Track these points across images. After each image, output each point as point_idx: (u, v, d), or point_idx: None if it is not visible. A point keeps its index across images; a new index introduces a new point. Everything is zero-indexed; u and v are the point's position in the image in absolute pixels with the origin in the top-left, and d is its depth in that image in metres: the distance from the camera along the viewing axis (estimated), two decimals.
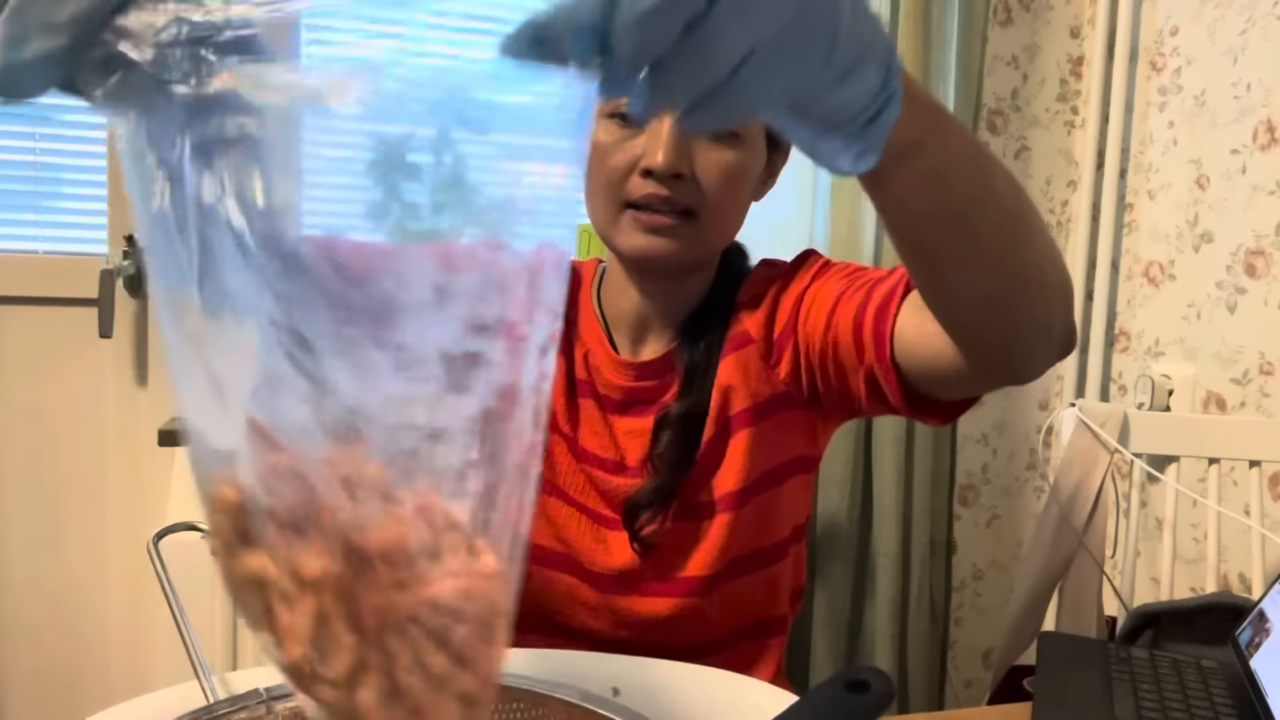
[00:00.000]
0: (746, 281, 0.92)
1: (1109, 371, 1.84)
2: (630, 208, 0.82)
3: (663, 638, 0.87)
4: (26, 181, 1.52)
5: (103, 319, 1.42)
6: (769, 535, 0.90)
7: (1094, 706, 0.76)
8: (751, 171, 0.86)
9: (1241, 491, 1.50)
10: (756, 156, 0.86)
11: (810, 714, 0.45)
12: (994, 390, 0.75)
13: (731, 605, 0.88)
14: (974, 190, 0.53)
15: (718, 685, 0.68)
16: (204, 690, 0.58)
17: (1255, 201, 1.53)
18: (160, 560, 0.64)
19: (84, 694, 1.57)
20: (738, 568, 0.88)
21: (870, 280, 0.79)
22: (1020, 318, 0.60)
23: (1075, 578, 1.17)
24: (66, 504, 1.55)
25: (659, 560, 0.86)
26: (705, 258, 0.90)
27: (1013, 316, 0.60)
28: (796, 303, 0.85)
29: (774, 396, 0.87)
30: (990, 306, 0.60)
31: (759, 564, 0.89)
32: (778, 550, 0.91)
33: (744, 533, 0.87)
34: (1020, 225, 0.57)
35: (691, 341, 0.89)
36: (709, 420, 0.87)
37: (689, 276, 0.90)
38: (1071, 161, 1.90)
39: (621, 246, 0.85)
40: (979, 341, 0.64)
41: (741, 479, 0.86)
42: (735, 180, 0.84)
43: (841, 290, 0.80)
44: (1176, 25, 1.70)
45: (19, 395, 1.52)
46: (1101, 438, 1.16)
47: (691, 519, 0.87)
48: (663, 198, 0.80)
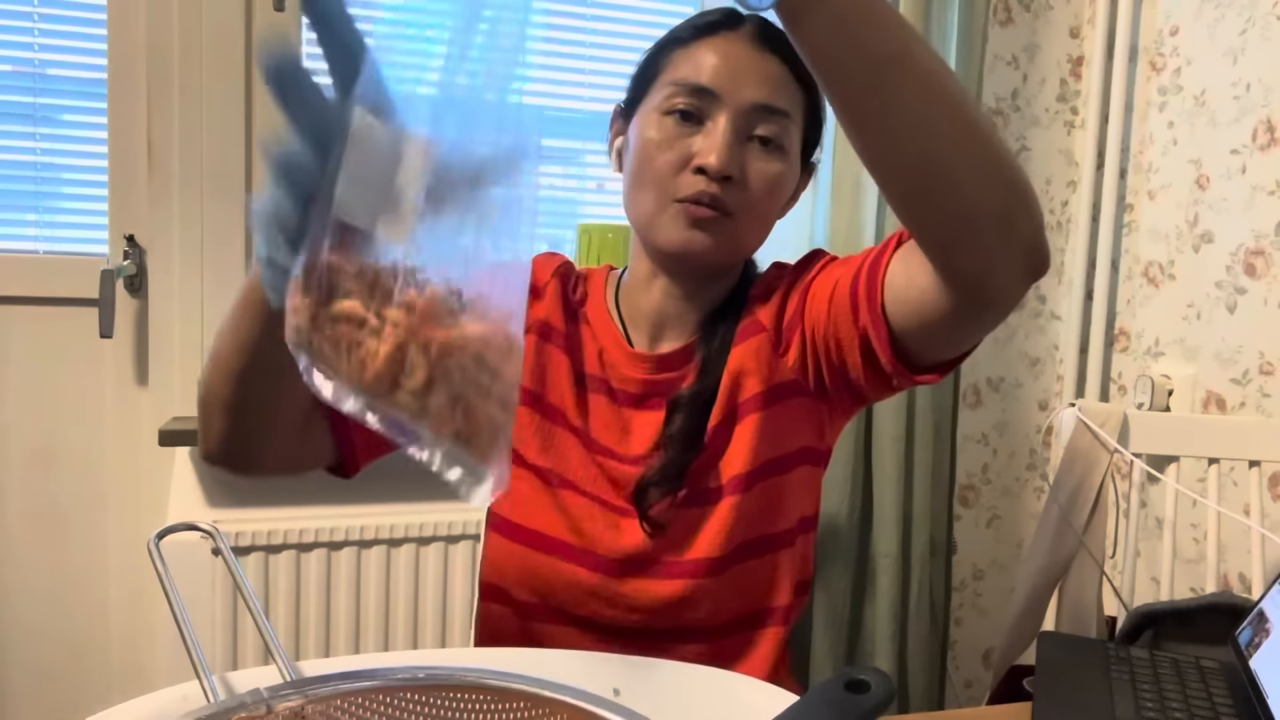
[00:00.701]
0: (759, 279, 0.96)
1: (1109, 371, 1.85)
2: (676, 203, 0.86)
3: (673, 621, 0.88)
4: (26, 181, 1.52)
5: (103, 319, 1.42)
6: (776, 521, 0.91)
7: (1094, 706, 0.76)
8: (788, 185, 0.92)
9: (1241, 491, 1.50)
10: (793, 172, 0.92)
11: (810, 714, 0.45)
12: (979, 331, 0.77)
13: (739, 589, 0.89)
14: (888, 50, 0.58)
15: (718, 685, 0.68)
16: (204, 690, 0.58)
17: (1255, 201, 1.53)
18: (160, 560, 0.64)
19: (84, 694, 1.57)
20: (745, 551, 0.89)
21: (870, 250, 0.83)
22: (966, 203, 0.63)
23: (1075, 578, 1.17)
24: (66, 504, 1.55)
25: (669, 542, 0.88)
26: (734, 261, 0.94)
27: (956, 199, 0.63)
28: (804, 291, 0.88)
29: (782, 384, 0.90)
30: (925, 180, 0.63)
31: (765, 549, 0.90)
32: (784, 537, 0.92)
33: (751, 516, 0.88)
34: (946, 101, 0.61)
35: (708, 336, 0.93)
36: (718, 404, 0.89)
37: (714, 280, 0.94)
38: (1071, 161, 1.90)
39: (661, 239, 0.88)
40: (936, 237, 0.67)
41: (748, 462, 0.88)
42: (776, 190, 0.89)
43: (845, 271, 0.84)
44: (1176, 25, 1.70)
45: (19, 395, 1.52)
46: (1101, 438, 1.16)
47: (700, 503, 0.89)
48: (711, 195, 0.85)
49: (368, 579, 1.51)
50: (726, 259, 0.92)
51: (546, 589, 0.90)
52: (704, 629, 0.89)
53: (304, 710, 0.53)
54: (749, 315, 0.92)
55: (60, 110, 1.53)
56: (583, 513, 0.89)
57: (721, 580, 0.88)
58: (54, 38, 1.51)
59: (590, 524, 0.89)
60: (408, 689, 0.56)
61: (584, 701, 0.54)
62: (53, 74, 1.52)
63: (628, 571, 0.88)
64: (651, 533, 0.87)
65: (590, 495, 0.90)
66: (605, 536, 0.89)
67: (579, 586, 0.88)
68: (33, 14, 1.50)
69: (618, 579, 0.88)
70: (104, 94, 1.51)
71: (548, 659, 0.72)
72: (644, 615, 0.88)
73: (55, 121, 1.53)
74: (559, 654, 0.77)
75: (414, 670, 0.56)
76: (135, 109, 1.51)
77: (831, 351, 0.85)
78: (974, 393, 1.89)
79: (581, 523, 0.89)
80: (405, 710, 0.56)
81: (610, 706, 0.53)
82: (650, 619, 0.88)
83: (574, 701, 0.54)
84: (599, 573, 0.88)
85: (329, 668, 0.59)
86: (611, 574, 0.88)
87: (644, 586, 0.88)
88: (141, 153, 1.52)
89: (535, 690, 0.55)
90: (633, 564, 0.88)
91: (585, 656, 0.72)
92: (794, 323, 0.89)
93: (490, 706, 0.56)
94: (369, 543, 1.50)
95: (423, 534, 1.52)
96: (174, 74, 1.51)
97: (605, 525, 0.89)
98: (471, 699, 0.56)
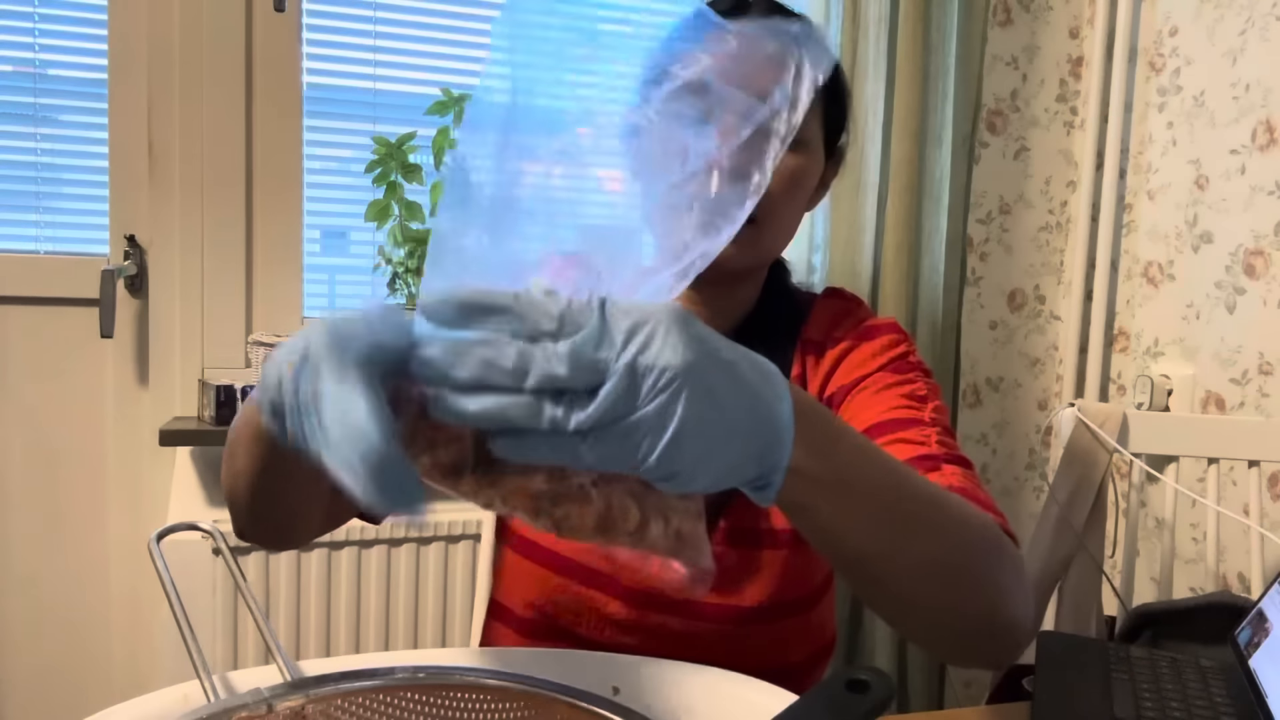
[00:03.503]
0: (815, 314, 0.92)
1: (1108, 371, 1.85)
2: None
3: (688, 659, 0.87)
4: (27, 181, 1.52)
5: (104, 319, 1.42)
6: (814, 579, 0.89)
7: (1093, 706, 0.76)
8: (811, 178, 0.87)
9: (1240, 491, 1.50)
10: (816, 164, 0.87)
11: (810, 714, 0.45)
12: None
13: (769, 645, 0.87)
14: (877, 549, 0.55)
15: (718, 685, 0.68)
16: (204, 690, 0.58)
17: (1254, 202, 1.53)
18: (161, 560, 0.64)
19: (84, 694, 1.57)
20: (785, 609, 0.87)
21: (904, 439, 0.77)
22: (913, 615, 0.62)
23: (1075, 577, 1.17)
24: (66, 504, 1.55)
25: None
26: (760, 264, 0.90)
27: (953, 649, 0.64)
28: (853, 384, 0.85)
29: None
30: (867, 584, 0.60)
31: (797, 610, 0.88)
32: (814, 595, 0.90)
33: (797, 574, 0.86)
34: (948, 583, 0.59)
35: None
36: None
37: (738, 285, 0.90)
38: (1071, 162, 1.90)
39: None
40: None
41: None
42: (797, 186, 0.85)
43: (878, 420, 0.80)
44: (1176, 25, 1.70)
45: (19, 395, 1.52)
46: (1101, 438, 1.16)
47: (747, 545, 0.86)
48: None
49: (368, 579, 1.51)
50: (752, 264, 0.88)
51: (564, 613, 0.87)
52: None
53: (304, 710, 0.54)
54: (798, 362, 0.89)
55: (60, 110, 1.53)
56: None
57: (753, 631, 0.86)
58: (54, 38, 1.52)
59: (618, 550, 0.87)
60: (408, 689, 0.56)
61: (584, 701, 0.54)
62: (53, 74, 1.52)
63: (654, 604, 0.85)
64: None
65: None
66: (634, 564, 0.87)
67: (598, 613, 0.86)
68: (33, 14, 1.50)
69: (641, 610, 0.86)
70: (104, 94, 1.51)
71: (547, 659, 0.72)
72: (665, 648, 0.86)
73: (56, 121, 1.53)
74: (558, 654, 0.77)
75: (414, 670, 0.56)
76: (135, 109, 1.51)
77: None
78: (973, 392, 1.89)
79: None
80: (405, 710, 0.56)
81: (610, 706, 0.53)
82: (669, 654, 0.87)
83: (574, 701, 0.54)
84: (622, 601, 0.86)
85: (329, 668, 0.59)
86: (637, 605, 0.86)
87: (669, 621, 0.85)
88: (141, 153, 1.52)
89: (534, 690, 0.55)
90: (664, 598, 0.85)
91: (585, 656, 0.72)
92: (834, 401, 0.85)
93: (490, 706, 0.56)
94: (369, 543, 1.50)
95: (423, 534, 1.52)
96: (174, 74, 1.51)
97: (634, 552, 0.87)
98: (471, 699, 0.56)
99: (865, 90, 1.65)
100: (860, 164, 1.65)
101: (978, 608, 0.61)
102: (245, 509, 0.70)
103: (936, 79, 1.68)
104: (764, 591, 0.85)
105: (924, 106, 1.67)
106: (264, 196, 1.58)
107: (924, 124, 1.67)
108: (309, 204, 1.62)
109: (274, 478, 0.65)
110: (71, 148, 1.54)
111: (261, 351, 1.47)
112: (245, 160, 1.56)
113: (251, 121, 1.56)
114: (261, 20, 1.55)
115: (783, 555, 0.85)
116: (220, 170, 1.54)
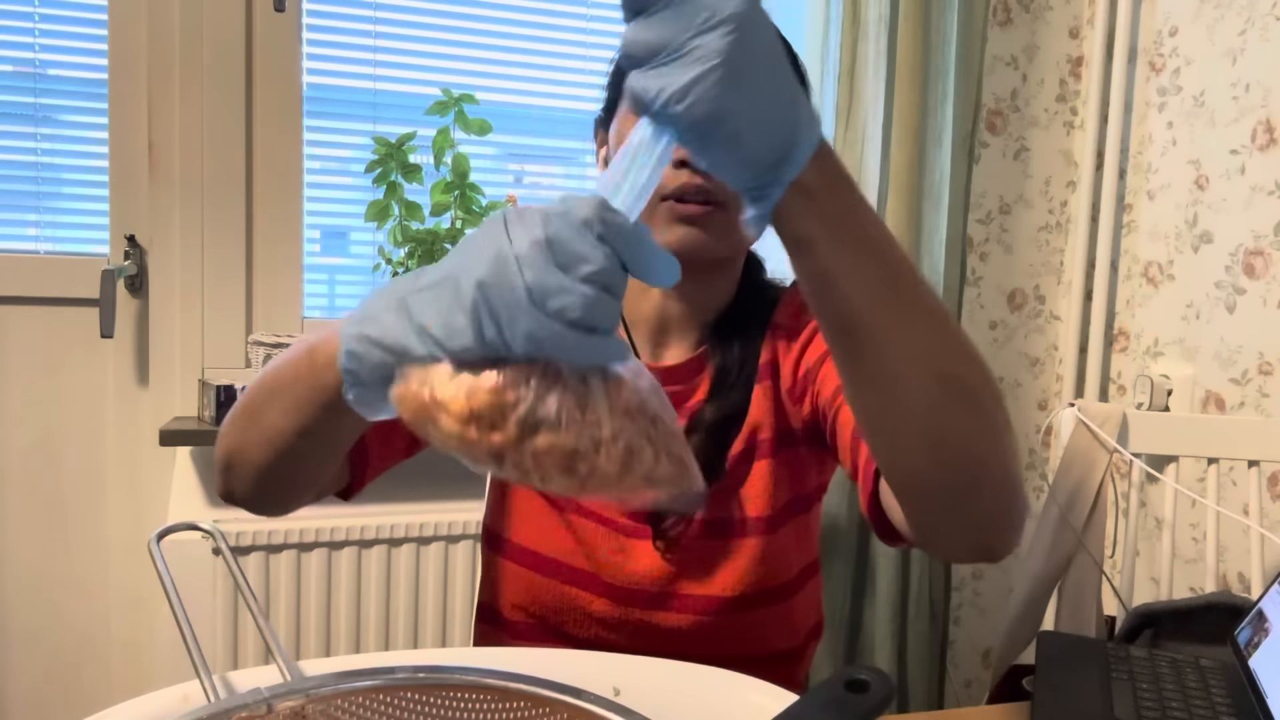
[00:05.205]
0: (783, 303, 0.92)
1: (1108, 371, 1.85)
2: (663, 200, 0.83)
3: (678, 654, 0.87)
4: (27, 181, 1.52)
5: (104, 319, 1.42)
6: (791, 566, 0.90)
7: (1093, 706, 0.76)
8: None
9: (1240, 491, 1.50)
10: None
11: (810, 714, 0.45)
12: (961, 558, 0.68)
13: (750, 633, 0.88)
14: (872, 316, 0.53)
15: (718, 685, 0.68)
16: (204, 690, 0.58)
17: (1254, 202, 1.53)
18: (161, 560, 0.64)
19: (84, 694, 1.57)
20: (764, 598, 0.87)
21: None
22: (909, 468, 0.58)
23: (1075, 577, 1.17)
24: (66, 504, 1.55)
25: (684, 573, 0.86)
26: (733, 253, 0.90)
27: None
28: (824, 354, 0.84)
29: (796, 430, 0.88)
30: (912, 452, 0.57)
31: (780, 596, 0.89)
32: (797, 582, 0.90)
33: (772, 561, 0.87)
34: (942, 386, 0.55)
35: (723, 345, 0.90)
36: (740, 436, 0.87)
37: (714, 276, 0.91)
38: (1071, 162, 1.90)
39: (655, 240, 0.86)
40: (908, 486, 0.61)
41: (769, 504, 0.87)
42: None
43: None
44: (1176, 26, 1.70)
45: (19, 395, 1.52)
46: (1100, 438, 1.16)
47: (720, 535, 0.87)
48: (696, 187, 0.82)
49: (368, 579, 1.51)
50: (727, 252, 0.88)
51: (550, 614, 0.88)
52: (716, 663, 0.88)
53: (304, 710, 0.54)
54: (769, 350, 0.89)
55: (60, 110, 1.53)
56: (592, 536, 0.88)
57: (733, 620, 0.86)
58: (54, 38, 1.52)
59: (597, 547, 0.88)
60: (408, 689, 0.56)
61: (584, 701, 0.54)
62: (53, 74, 1.52)
63: (636, 601, 0.87)
64: (665, 552, 0.86)
65: (598, 517, 0.88)
66: (613, 560, 0.87)
67: (583, 612, 0.87)
68: (33, 14, 1.50)
69: (625, 607, 0.87)
70: (104, 94, 1.51)
71: (547, 659, 0.72)
72: (651, 644, 0.86)
73: (55, 121, 1.53)
74: (559, 654, 0.77)
75: (414, 670, 0.56)
76: (135, 109, 1.51)
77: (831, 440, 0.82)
78: None
79: (590, 546, 0.88)
80: (405, 710, 0.56)
81: (610, 706, 0.54)
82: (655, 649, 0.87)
83: (574, 701, 0.54)
84: (606, 599, 0.87)
85: (329, 668, 0.59)
86: (620, 601, 0.87)
87: (651, 616, 0.87)
88: (142, 153, 1.52)
89: (535, 690, 0.55)
90: (644, 593, 0.87)
91: (585, 656, 0.72)
92: (808, 380, 0.86)
93: (490, 706, 0.56)
94: (369, 543, 1.50)
95: (423, 534, 1.52)
96: (174, 74, 1.51)
97: (613, 548, 0.87)
98: (471, 699, 0.56)
99: (865, 90, 1.65)
100: (860, 164, 1.65)
101: (970, 435, 0.56)
102: (256, 468, 0.69)
103: (936, 79, 1.68)
104: (742, 581, 0.86)
105: (924, 107, 1.67)
106: (264, 196, 1.58)
107: (924, 124, 1.67)
108: (309, 204, 1.62)
109: (311, 440, 0.64)
110: (71, 148, 1.54)
111: (261, 351, 1.47)
112: (245, 160, 1.56)
113: (251, 121, 1.56)
114: (261, 20, 1.55)
115: (758, 543, 0.86)
116: (220, 170, 1.54)
